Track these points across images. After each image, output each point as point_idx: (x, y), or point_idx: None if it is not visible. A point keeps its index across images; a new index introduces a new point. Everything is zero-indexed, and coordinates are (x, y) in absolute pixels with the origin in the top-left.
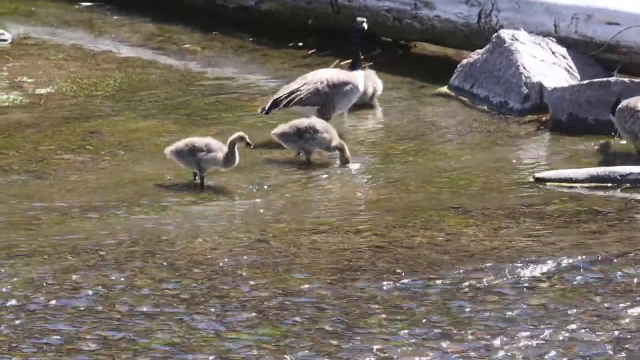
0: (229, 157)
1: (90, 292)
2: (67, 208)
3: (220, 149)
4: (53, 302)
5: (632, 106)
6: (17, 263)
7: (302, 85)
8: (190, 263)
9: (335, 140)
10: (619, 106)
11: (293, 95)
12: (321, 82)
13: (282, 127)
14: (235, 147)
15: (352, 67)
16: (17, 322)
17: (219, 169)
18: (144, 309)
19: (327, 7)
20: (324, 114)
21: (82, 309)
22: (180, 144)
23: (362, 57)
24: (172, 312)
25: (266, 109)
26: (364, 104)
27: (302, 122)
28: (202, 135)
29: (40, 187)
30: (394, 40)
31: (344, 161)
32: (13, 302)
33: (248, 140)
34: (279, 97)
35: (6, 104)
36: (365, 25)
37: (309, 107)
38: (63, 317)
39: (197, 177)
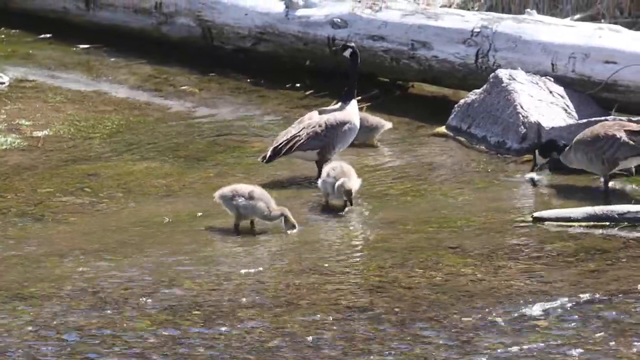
0: (273, 216)
1: (89, 335)
2: (65, 251)
3: (261, 198)
4: (52, 344)
5: (610, 134)
6: (16, 305)
7: (301, 130)
8: (189, 304)
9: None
10: (585, 139)
11: (293, 142)
12: (319, 125)
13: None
14: (283, 217)
15: (346, 96)
16: None
17: (260, 219)
18: (144, 349)
19: (324, 48)
20: (324, 156)
21: (80, 351)
22: (226, 189)
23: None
24: (170, 352)
25: (267, 158)
26: (363, 144)
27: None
28: (201, 176)
29: (39, 230)
30: (392, 81)
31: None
32: (12, 343)
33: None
34: (278, 145)
35: (4, 147)
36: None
37: (310, 151)
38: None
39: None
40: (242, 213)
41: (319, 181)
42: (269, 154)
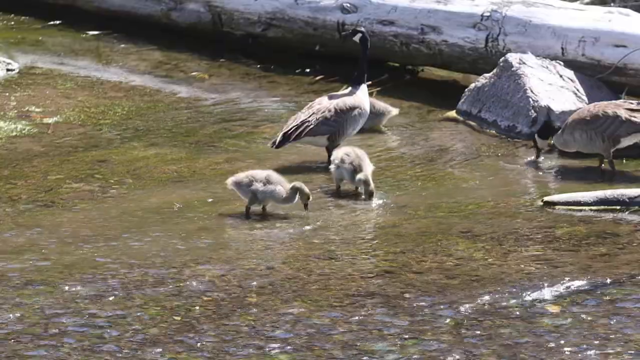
0: (290, 199)
1: (98, 321)
2: (75, 237)
3: (279, 182)
4: (62, 331)
5: (610, 111)
6: (26, 292)
7: (311, 116)
8: (199, 290)
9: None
10: (583, 118)
11: (302, 127)
12: (329, 111)
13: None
14: (298, 191)
15: (356, 80)
16: (25, 353)
17: (276, 204)
18: (154, 335)
19: (334, 33)
20: (334, 141)
21: (90, 338)
22: (241, 175)
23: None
24: (180, 338)
25: (277, 143)
26: (370, 129)
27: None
28: (211, 162)
29: (49, 217)
30: (402, 65)
31: (369, 194)
32: (22, 332)
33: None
34: (288, 130)
35: (14, 133)
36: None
37: (319, 136)
38: (69, 345)
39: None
40: (259, 198)
41: (332, 166)
42: (278, 139)
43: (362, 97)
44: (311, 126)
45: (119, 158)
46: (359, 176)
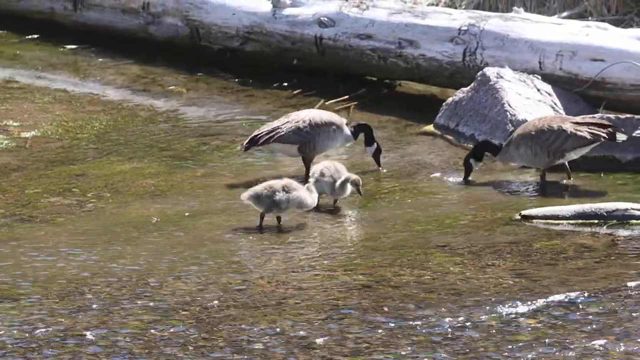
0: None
1: (77, 335)
2: (53, 251)
3: (299, 188)
4: (40, 345)
5: (555, 126)
6: (4, 306)
7: (284, 124)
8: (177, 304)
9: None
10: (528, 133)
11: (273, 133)
12: (303, 121)
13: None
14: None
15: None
16: None
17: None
18: (129, 351)
19: (311, 47)
20: (304, 153)
21: (67, 351)
22: (259, 188)
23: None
24: (159, 353)
25: (244, 145)
26: None
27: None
28: (189, 175)
29: (27, 231)
30: (379, 80)
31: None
32: (1, 344)
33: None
34: (258, 134)
35: None
36: None
37: (289, 145)
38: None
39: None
40: (283, 208)
41: (311, 180)
42: (246, 141)
43: (342, 119)
44: (282, 133)
45: (97, 172)
46: (344, 177)
